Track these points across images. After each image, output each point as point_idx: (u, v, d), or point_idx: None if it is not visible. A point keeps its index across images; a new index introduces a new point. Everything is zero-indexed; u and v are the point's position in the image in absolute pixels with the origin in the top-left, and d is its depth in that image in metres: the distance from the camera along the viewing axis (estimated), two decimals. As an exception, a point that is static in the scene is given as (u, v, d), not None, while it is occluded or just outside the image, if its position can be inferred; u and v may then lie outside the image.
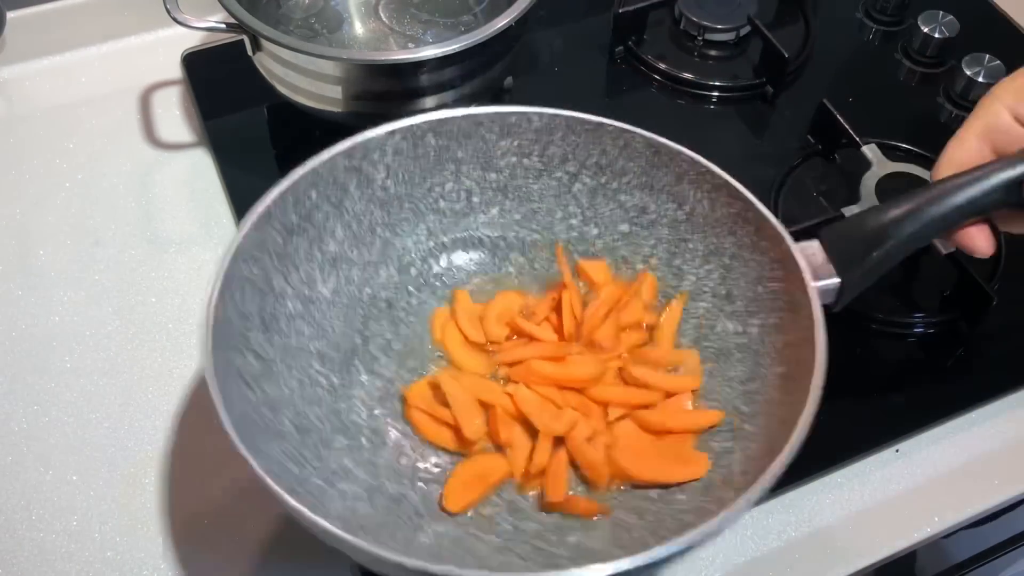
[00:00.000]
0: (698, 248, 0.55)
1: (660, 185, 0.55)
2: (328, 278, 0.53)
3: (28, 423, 0.57)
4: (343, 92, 0.62)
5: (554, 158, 0.56)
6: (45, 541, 0.53)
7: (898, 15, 0.80)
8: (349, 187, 0.53)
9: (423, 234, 0.57)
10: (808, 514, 0.55)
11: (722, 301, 0.54)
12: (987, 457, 0.57)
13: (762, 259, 0.51)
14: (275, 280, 0.50)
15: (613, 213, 0.57)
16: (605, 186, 0.56)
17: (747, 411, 0.50)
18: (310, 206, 0.52)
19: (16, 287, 0.63)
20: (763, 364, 0.50)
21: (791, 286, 0.49)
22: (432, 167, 0.55)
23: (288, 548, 0.53)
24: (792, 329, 0.49)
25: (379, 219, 0.55)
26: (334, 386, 0.52)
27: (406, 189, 0.55)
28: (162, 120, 0.73)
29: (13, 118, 0.73)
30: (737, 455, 0.48)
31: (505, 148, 0.55)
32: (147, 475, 0.55)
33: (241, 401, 0.45)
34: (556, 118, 0.54)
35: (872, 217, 0.50)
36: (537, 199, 0.58)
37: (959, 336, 0.61)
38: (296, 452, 0.47)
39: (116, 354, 0.60)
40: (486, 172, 0.56)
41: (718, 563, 0.53)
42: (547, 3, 0.63)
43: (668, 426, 0.51)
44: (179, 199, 0.68)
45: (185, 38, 0.75)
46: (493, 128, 0.55)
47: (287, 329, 0.51)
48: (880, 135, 0.69)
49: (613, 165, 0.55)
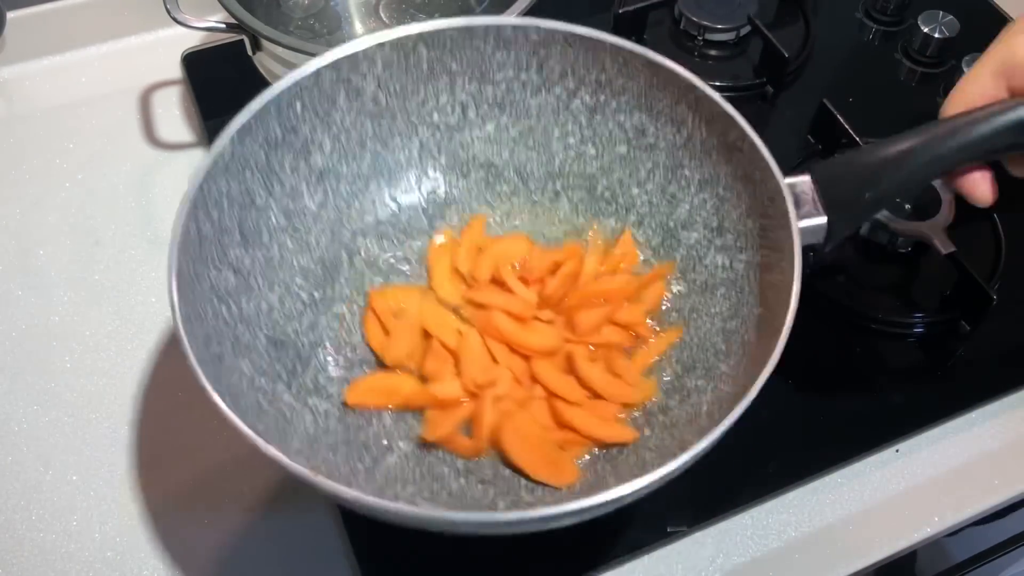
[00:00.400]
0: (693, 176, 0.54)
1: (659, 107, 0.53)
2: (315, 192, 0.52)
3: (28, 423, 0.57)
4: (343, 92, 0.62)
5: (553, 73, 0.54)
6: (45, 541, 0.53)
7: (898, 15, 0.80)
8: (337, 99, 0.52)
9: (415, 148, 0.56)
10: (808, 514, 0.55)
11: (713, 233, 0.53)
12: (987, 457, 0.57)
13: (754, 192, 0.50)
14: (257, 194, 0.49)
15: (612, 134, 0.56)
16: (604, 105, 0.55)
17: (723, 349, 0.49)
18: (295, 119, 0.50)
19: (16, 287, 0.63)
20: (745, 303, 0.50)
21: (778, 222, 0.47)
22: (425, 79, 0.54)
23: (288, 548, 0.53)
24: (776, 269, 0.47)
25: (370, 132, 0.54)
26: (315, 301, 0.52)
27: (398, 102, 0.54)
28: (162, 120, 0.73)
29: (13, 118, 0.73)
30: (707, 395, 0.48)
31: (501, 61, 0.54)
32: (147, 475, 0.55)
33: (212, 317, 0.44)
34: (554, 32, 0.52)
35: (868, 154, 0.47)
36: (535, 116, 0.56)
37: (959, 336, 0.61)
38: (268, 367, 0.47)
39: (116, 354, 0.60)
40: (482, 85, 0.55)
41: (718, 563, 0.53)
42: (547, 3, 0.63)
43: (575, 425, 0.50)
44: (179, 199, 0.68)
45: (185, 38, 0.75)
46: (488, 40, 0.53)
47: (269, 243, 0.50)
48: (880, 135, 0.68)
49: (612, 83, 0.54)
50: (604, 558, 0.52)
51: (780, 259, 0.47)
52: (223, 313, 0.46)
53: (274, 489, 0.55)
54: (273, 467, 0.39)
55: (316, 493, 0.54)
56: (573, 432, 0.50)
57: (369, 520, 0.52)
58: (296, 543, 0.53)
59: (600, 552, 0.52)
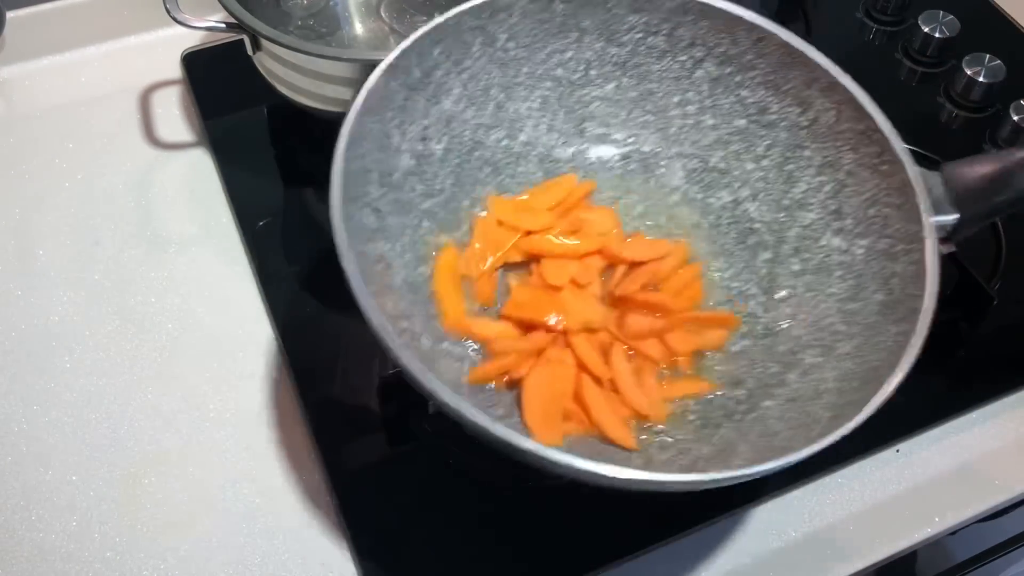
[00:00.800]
0: (815, 158, 0.54)
1: (787, 87, 0.54)
2: (441, 136, 0.54)
3: (28, 423, 0.57)
4: (343, 92, 0.62)
5: (681, 40, 0.55)
6: (45, 541, 0.53)
7: (898, 15, 0.80)
8: (472, 47, 0.53)
9: (537, 101, 0.57)
10: (808, 514, 0.55)
11: (830, 216, 0.53)
12: (987, 457, 0.57)
13: (880, 182, 0.50)
14: (393, 135, 0.51)
15: (732, 107, 0.56)
16: (729, 77, 0.55)
17: (843, 330, 0.49)
18: (432, 63, 0.52)
19: (16, 287, 0.63)
20: (866, 287, 0.49)
21: (907, 215, 0.48)
22: (555, 33, 0.55)
23: (288, 548, 0.53)
24: (901, 258, 0.48)
25: (496, 80, 0.55)
26: (441, 245, 0.53)
27: (526, 53, 0.55)
28: (162, 120, 0.73)
29: (13, 118, 0.73)
30: (829, 372, 0.48)
31: (632, 23, 0.54)
32: (147, 475, 0.55)
33: (361, 258, 0.45)
34: (691, 2, 0.53)
35: (999, 159, 0.49)
36: (656, 80, 0.57)
37: (959, 336, 0.61)
38: (407, 309, 0.48)
39: (116, 354, 0.60)
40: (608, 45, 0.55)
41: (718, 563, 0.53)
42: (547, 3, 0.63)
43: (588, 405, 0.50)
44: (179, 199, 0.68)
45: (185, 38, 0.75)
46: (623, 1, 0.54)
47: (401, 183, 0.51)
48: (880, 135, 0.69)
49: (741, 58, 0.54)
50: (604, 558, 0.52)
51: (907, 250, 0.47)
52: (368, 253, 0.46)
53: (273, 488, 0.55)
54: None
55: (315, 495, 0.55)
56: (582, 411, 0.50)
57: (370, 518, 0.53)
58: (296, 543, 0.53)
59: (600, 552, 0.52)
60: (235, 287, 0.63)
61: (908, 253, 0.47)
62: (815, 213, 0.54)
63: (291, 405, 0.58)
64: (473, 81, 0.54)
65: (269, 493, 0.55)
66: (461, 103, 0.54)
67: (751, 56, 0.54)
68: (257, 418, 0.58)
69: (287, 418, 0.58)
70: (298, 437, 0.57)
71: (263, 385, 0.59)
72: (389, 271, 0.48)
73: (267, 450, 0.56)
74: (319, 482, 0.55)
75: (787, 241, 0.54)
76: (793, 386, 0.49)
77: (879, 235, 0.50)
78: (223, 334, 0.61)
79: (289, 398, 0.58)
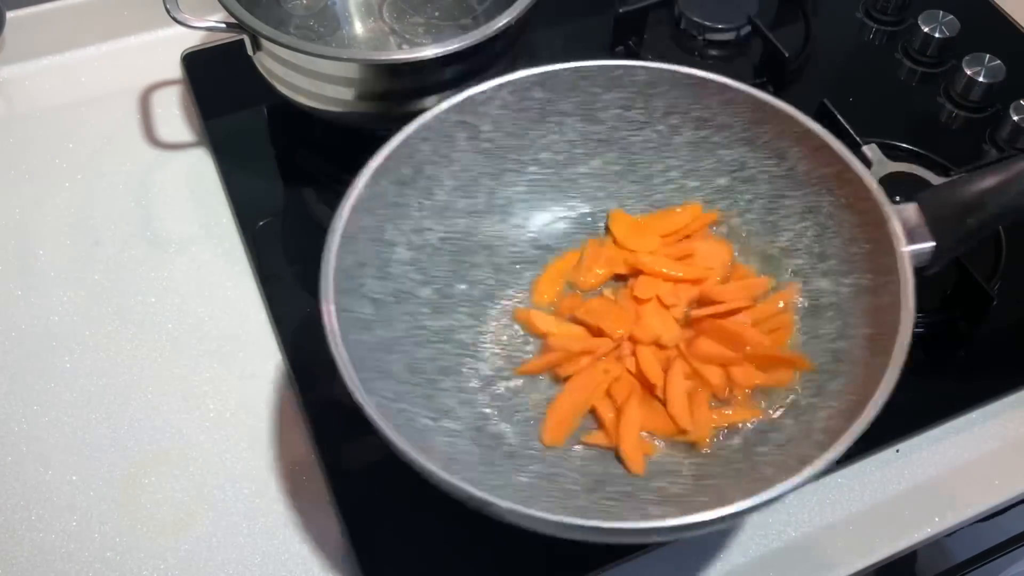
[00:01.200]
0: (795, 205, 0.55)
1: (761, 141, 0.55)
2: (436, 226, 0.55)
3: (28, 423, 0.57)
4: (343, 92, 0.62)
5: (657, 111, 0.57)
6: (45, 541, 0.53)
7: (898, 15, 0.80)
8: (458, 140, 0.55)
9: (526, 184, 0.58)
10: (808, 514, 0.55)
11: (815, 259, 0.54)
12: (987, 457, 0.57)
13: (858, 220, 0.52)
14: (388, 229, 0.52)
15: (713, 167, 0.57)
16: (706, 140, 0.57)
17: (833, 369, 0.50)
18: (421, 159, 0.53)
19: (16, 287, 0.63)
20: (852, 324, 0.51)
21: (884, 249, 0.49)
22: (537, 119, 0.56)
23: (288, 547, 0.53)
24: (883, 292, 0.49)
25: (485, 169, 0.57)
26: (442, 329, 0.54)
27: (511, 140, 0.57)
28: (162, 120, 0.73)
29: (13, 118, 0.73)
30: (821, 412, 0.49)
31: (609, 101, 0.56)
32: (147, 475, 0.55)
33: (357, 345, 0.47)
34: (662, 72, 0.55)
35: (973, 181, 0.50)
36: (638, 151, 0.58)
37: (959, 336, 0.61)
38: (405, 392, 0.49)
39: (116, 354, 0.60)
40: (589, 124, 0.57)
41: (718, 563, 0.53)
42: (547, 3, 0.63)
43: (624, 413, 0.51)
44: (179, 199, 0.68)
45: (185, 38, 0.75)
46: (598, 81, 0.55)
47: (398, 274, 0.53)
48: (880, 135, 0.69)
49: (715, 119, 0.56)
50: (604, 558, 0.52)
51: (888, 282, 0.48)
52: (365, 341, 0.48)
53: (273, 488, 0.55)
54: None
55: (315, 495, 0.54)
56: (614, 422, 0.52)
57: (370, 521, 0.53)
58: (296, 543, 0.53)
59: (600, 552, 0.52)
60: (235, 287, 0.63)
61: (887, 285, 0.48)
62: (801, 258, 0.55)
63: (291, 405, 0.58)
64: (463, 172, 0.56)
65: (269, 493, 0.55)
66: (454, 194, 0.56)
67: (724, 116, 0.55)
68: (257, 418, 0.58)
69: (287, 418, 0.58)
70: (298, 437, 0.57)
71: (263, 385, 0.59)
72: (388, 357, 0.50)
73: (267, 450, 0.56)
74: (319, 482, 0.55)
75: (779, 289, 0.56)
76: (788, 431, 0.50)
77: (862, 272, 0.51)
78: (223, 334, 0.61)
79: (289, 398, 0.58)
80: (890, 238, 0.49)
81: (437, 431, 0.49)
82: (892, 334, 0.45)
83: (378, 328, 0.50)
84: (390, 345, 0.50)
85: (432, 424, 0.49)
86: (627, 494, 0.49)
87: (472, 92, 0.53)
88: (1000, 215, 0.49)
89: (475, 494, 0.41)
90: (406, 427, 0.47)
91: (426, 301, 0.54)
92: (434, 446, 0.48)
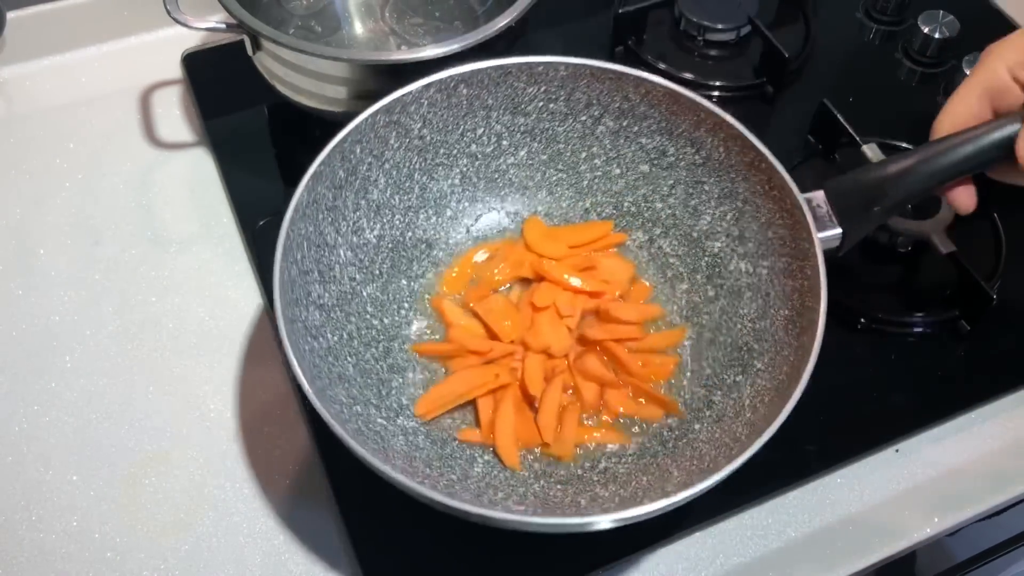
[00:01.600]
0: (713, 191, 0.58)
1: (679, 130, 0.58)
2: (373, 225, 0.57)
3: (28, 423, 0.57)
4: (343, 92, 0.62)
5: (579, 103, 0.59)
6: (45, 541, 0.53)
7: (898, 15, 0.80)
8: (389, 139, 0.56)
9: (457, 177, 0.61)
10: (808, 514, 0.55)
11: (735, 242, 0.57)
12: (987, 457, 0.57)
13: (772, 206, 0.54)
14: (327, 233, 0.54)
15: (634, 154, 0.60)
16: (627, 129, 0.59)
17: (757, 348, 0.53)
18: (355, 161, 0.55)
19: (16, 287, 0.63)
20: (772, 305, 0.54)
21: (798, 234, 0.52)
22: (464, 115, 0.59)
23: (288, 547, 0.53)
24: (798, 275, 0.52)
25: (417, 166, 0.59)
26: (386, 327, 0.57)
27: (440, 136, 0.59)
28: (162, 120, 0.73)
29: (13, 118, 0.73)
30: (747, 389, 0.52)
31: (533, 94, 0.59)
32: (147, 475, 0.55)
33: (309, 353, 0.49)
34: (582, 67, 0.57)
35: (874, 171, 0.53)
36: (563, 141, 0.61)
37: (959, 336, 0.61)
38: (359, 394, 0.51)
39: (116, 354, 0.60)
40: (515, 117, 0.60)
41: (718, 563, 0.53)
42: (547, 3, 0.63)
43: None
44: (179, 199, 0.68)
45: (185, 38, 0.75)
46: (521, 77, 0.58)
47: (340, 276, 0.55)
48: (880, 135, 0.69)
49: (635, 110, 0.58)
50: (604, 558, 0.52)
51: (803, 265, 0.52)
52: (317, 348, 0.50)
53: (273, 488, 0.55)
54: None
55: (315, 495, 0.55)
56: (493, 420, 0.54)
57: (370, 521, 0.53)
58: (296, 543, 0.53)
59: (600, 552, 0.52)
60: (235, 287, 0.63)
61: (803, 269, 0.51)
62: (721, 241, 0.58)
63: (291, 405, 0.58)
64: (396, 170, 0.58)
65: (269, 493, 0.55)
66: (388, 191, 0.58)
67: (643, 107, 0.58)
68: (257, 418, 0.58)
69: (288, 418, 0.58)
70: (299, 437, 0.57)
71: (264, 385, 0.59)
72: (339, 362, 0.52)
73: (267, 450, 0.56)
74: (319, 481, 0.55)
75: (700, 271, 0.59)
76: (718, 407, 0.53)
77: (778, 255, 0.54)
78: (223, 334, 0.61)
79: (290, 398, 0.58)
80: (803, 225, 0.51)
81: (395, 431, 0.51)
82: (813, 315, 0.49)
83: (328, 333, 0.52)
84: (340, 349, 0.52)
85: (387, 424, 0.51)
86: (577, 477, 0.53)
87: (400, 93, 0.55)
88: (901, 201, 0.53)
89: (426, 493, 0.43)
90: (366, 430, 0.49)
91: (370, 299, 0.56)
92: (393, 446, 0.50)
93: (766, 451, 0.56)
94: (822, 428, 0.57)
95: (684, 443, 0.52)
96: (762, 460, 0.55)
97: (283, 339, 0.46)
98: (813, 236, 0.51)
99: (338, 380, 0.50)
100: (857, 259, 0.64)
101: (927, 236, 0.62)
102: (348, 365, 0.52)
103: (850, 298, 0.62)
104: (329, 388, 0.48)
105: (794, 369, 0.48)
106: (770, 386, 0.50)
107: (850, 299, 0.62)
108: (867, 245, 0.65)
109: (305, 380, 0.45)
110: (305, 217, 0.52)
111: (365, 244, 0.57)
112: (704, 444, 0.51)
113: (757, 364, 0.53)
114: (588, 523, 0.45)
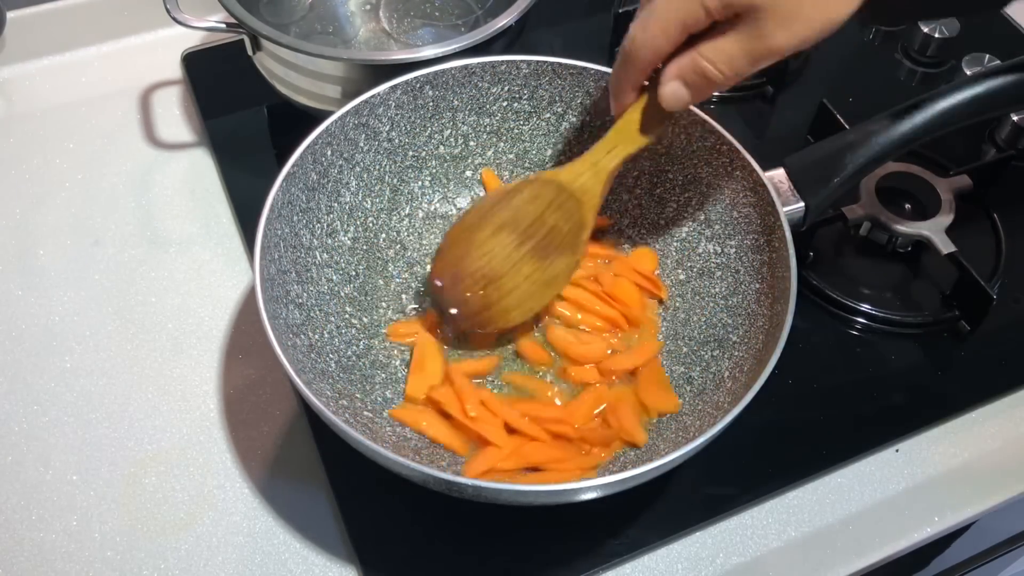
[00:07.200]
0: (677, 178, 0.59)
1: None
2: (347, 227, 0.58)
3: (28, 423, 0.57)
4: (343, 92, 0.62)
5: (542, 100, 0.60)
6: (45, 541, 0.53)
7: (898, 15, 0.80)
8: (359, 142, 0.57)
9: (427, 179, 0.62)
10: (808, 514, 0.55)
11: (701, 225, 0.59)
12: (987, 457, 0.57)
13: (736, 186, 0.56)
14: (303, 235, 0.55)
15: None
16: (590, 124, 0.60)
17: (731, 323, 0.55)
18: (326, 163, 0.56)
19: (16, 287, 0.63)
20: (742, 281, 0.55)
21: (763, 210, 0.54)
22: (431, 116, 0.59)
23: (288, 547, 0.53)
24: (766, 248, 0.53)
25: (387, 168, 0.60)
26: (365, 325, 0.57)
27: (408, 139, 0.60)
28: (162, 120, 0.73)
29: (13, 118, 0.73)
30: (725, 362, 0.53)
31: (497, 94, 0.60)
32: (147, 475, 0.55)
33: (293, 349, 0.49)
34: (543, 64, 0.59)
35: (832, 143, 0.54)
36: (528, 139, 0.62)
37: (959, 336, 0.61)
38: (344, 389, 0.52)
39: (116, 354, 0.60)
40: (480, 117, 0.61)
41: (718, 563, 0.53)
42: (547, 3, 0.63)
43: None
44: (179, 199, 0.68)
45: (185, 38, 0.75)
46: (485, 76, 0.59)
47: (318, 277, 0.55)
48: (880, 135, 0.69)
49: (597, 105, 0.59)
50: (604, 558, 0.52)
51: (770, 240, 0.53)
52: (299, 344, 0.51)
53: (274, 488, 0.55)
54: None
55: (315, 495, 0.55)
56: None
57: (370, 517, 0.53)
58: (296, 543, 0.53)
59: (600, 552, 0.52)
60: (235, 287, 0.63)
61: (770, 242, 0.53)
62: (688, 226, 0.59)
63: (291, 405, 0.58)
64: (367, 172, 0.59)
65: (269, 493, 0.55)
66: (359, 194, 0.59)
67: (604, 102, 0.57)
68: (257, 418, 0.58)
69: (287, 418, 0.58)
70: (299, 437, 0.57)
71: (264, 385, 0.59)
72: (321, 358, 0.52)
73: (267, 450, 0.56)
74: (319, 481, 0.55)
75: (669, 256, 0.60)
76: (697, 382, 0.54)
77: (745, 233, 0.55)
78: (223, 334, 0.61)
79: (290, 398, 0.58)
80: (768, 201, 0.53)
81: (382, 423, 0.52)
82: (782, 287, 0.50)
83: (308, 331, 0.53)
84: (322, 346, 0.53)
85: (374, 417, 0.52)
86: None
87: (367, 96, 0.56)
88: (859, 170, 0.54)
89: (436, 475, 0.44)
90: (354, 422, 0.49)
91: (348, 299, 0.57)
92: (382, 437, 0.51)
93: (766, 451, 0.56)
94: (822, 428, 0.57)
95: (668, 418, 0.54)
96: (762, 460, 0.56)
97: (268, 333, 0.46)
98: (779, 210, 0.52)
99: (322, 376, 0.51)
100: (857, 259, 0.64)
101: (927, 237, 0.62)
102: (331, 362, 0.53)
103: (850, 298, 0.62)
104: (314, 383, 0.49)
105: (770, 337, 0.49)
106: (747, 355, 0.51)
107: (850, 299, 0.62)
108: (867, 245, 0.65)
109: (292, 371, 0.46)
110: (281, 218, 0.52)
111: (340, 247, 0.57)
112: (687, 416, 0.53)
113: (732, 337, 0.54)
114: (575, 489, 0.45)
